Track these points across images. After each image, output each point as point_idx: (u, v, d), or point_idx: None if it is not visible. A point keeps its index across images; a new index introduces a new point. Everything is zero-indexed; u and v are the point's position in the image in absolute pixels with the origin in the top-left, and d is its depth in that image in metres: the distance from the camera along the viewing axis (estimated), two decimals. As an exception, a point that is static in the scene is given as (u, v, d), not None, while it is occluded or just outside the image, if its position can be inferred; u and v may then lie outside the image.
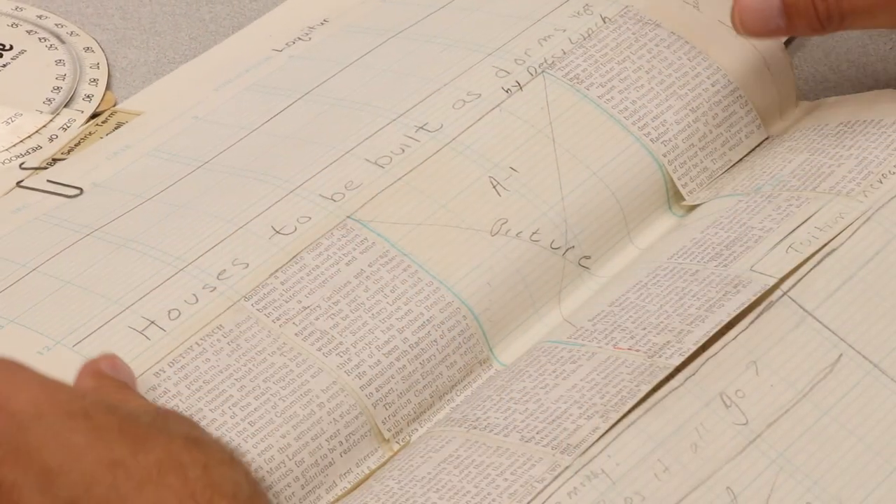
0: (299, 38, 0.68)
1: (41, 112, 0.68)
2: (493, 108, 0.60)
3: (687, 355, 0.50)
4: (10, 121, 0.68)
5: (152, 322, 0.52)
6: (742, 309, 0.51)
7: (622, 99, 0.60)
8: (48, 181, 0.62)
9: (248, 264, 0.54)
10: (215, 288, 0.53)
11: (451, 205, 0.56)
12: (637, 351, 0.51)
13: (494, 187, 0.57)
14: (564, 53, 0.62)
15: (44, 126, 0.68)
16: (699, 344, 0.50)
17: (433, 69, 0.62)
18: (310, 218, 0.55)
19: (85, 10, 0.76)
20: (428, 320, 0.54)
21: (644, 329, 0.52)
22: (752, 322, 0.51)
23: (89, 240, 0.57)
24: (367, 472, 0.52)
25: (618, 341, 0.52)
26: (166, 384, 0.51)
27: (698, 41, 0.62)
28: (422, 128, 0.59)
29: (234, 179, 0.59)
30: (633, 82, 0.61)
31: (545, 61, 0.61)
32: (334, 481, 0.51)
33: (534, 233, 0.57)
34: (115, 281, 0.54)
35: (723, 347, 0.50)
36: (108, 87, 0.71)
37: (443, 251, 0.55)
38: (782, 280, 0.52)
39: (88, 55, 0.72)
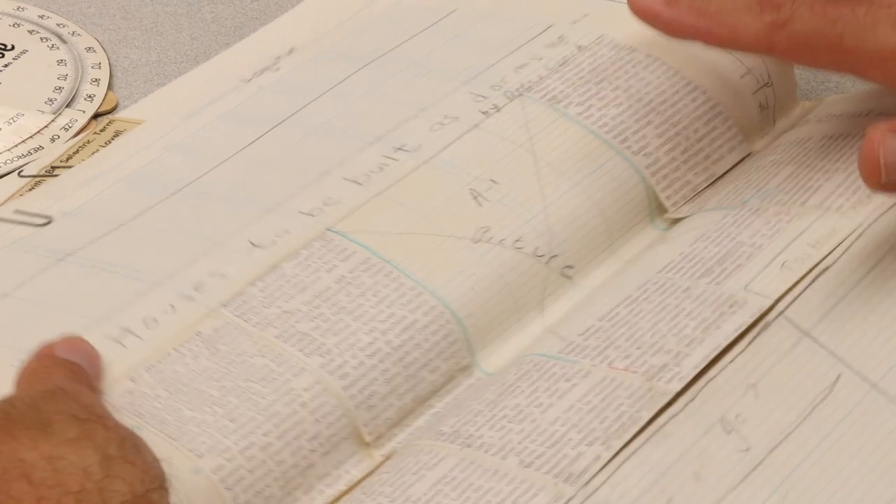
0: (267, 69, 0.63)
1: (43, 112, 0.65)
2: (471, 129, 0.55)
3: (687, 381, 0.45)
4: (11, 121, 0.64)
5: (128, 330, 0.48)
6: (740, 332, 0.47)
7: (601, 116, 0.56)
8: (15, 211, 0.57)
9: (225, 275, 0.49)
10: (193, 298, 0.49)
11: (432, 215, 0.52)
12: (634, 372, 0.46)
13: (475, 198, 0.53)
14: (541, 79, 0.57)
15: (45, 126, 0.65)
16: (699, 369, 0.46)
17: (408, 96, 0.58)
18: (288, 232, 0.51)
19: (86, 11, 0.72)
20: (411, 323, 0.49)
21: (639, 349, 0.47)
22: (749, 344, 0.47)
23: (62, 265, 0.52)
24: (345, 475, 0.47)
25: (612, 360, 0.47)
26: (143, 388, 0.46)
27: (675, 62, 0.58)
28: (400, 148, 0.54)
29: (210, 204, 0.54)
30: (612, 101, 0.56)
31: (522, 86, 0.57)
32: (312, 483, 0.47)
33: (517, 240, 0.52)
34: (90, 300, 0.50)
35: (721, 371, 0.46)
36: (109, 87, 0.67)
37: (425, 257, 0.51)
38: (778, 300, 0.48)
39: (90, 55, 0.68)
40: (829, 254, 0.49)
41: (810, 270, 0.49)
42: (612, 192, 0.54)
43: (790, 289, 0.48)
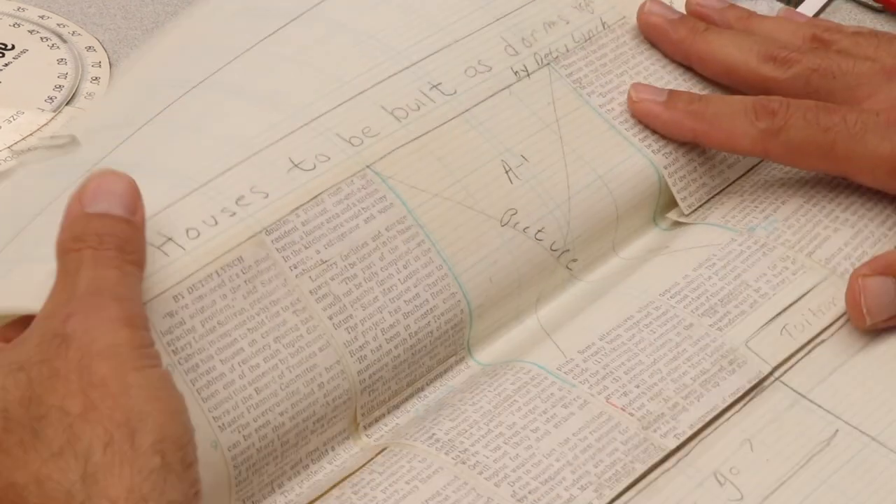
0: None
1: (43, 110, 0.65)
2: (504, 89, 0.54)
3: (683, 439, 0.46)
4: (11, 119, 0.64)
5: (170, 239, 0.45)
6: (737, 396, 0.48)
7: (622, 111, 0.55)
8: (40, 139, 0.55)
9: (267, 194, 0.47)
10: (235, 213, 0.46)
11: (467, 181, 0.51)
12: (631, 415, 0.47)
13: (507, 173, 0.52)
14: (568, 51, 0.56)
15: (45, 124, 0.65)
16: (695, 428, 0.47)
17: (441, 16, 0.56)
18: (329, 158, 0.49)
19: (87, 10, 0.71)
20: (431, 309, 0.49)
21: (637, 387, 0.48)
22: (745, 405, 0.48)
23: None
24: (334, 456, 0.47)
25: (610, 394, 0.47)
26: (183, 313, 0.45)
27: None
28: (436, 87, 0.52)
29: (237, 101, 0.51)
30: None
31: (549, 53, 0.55)
32: (302, 459, 0.47)
33: (539, 231, 0.52)
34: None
35: (716, 429, 0.47)
36: (109, 86, 0.67)
37: (456, 232, 0.50)
38: (776, 367, 0.49)
39: (90, 54, 0.68)
40: (828, 325, 0.50)
41: (810, 341, 0.50)
42: (630, 189, 0.54)
43: (789, 357, 0.49)
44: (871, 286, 0.49)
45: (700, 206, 0.56)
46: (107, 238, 0.43)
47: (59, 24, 0.69)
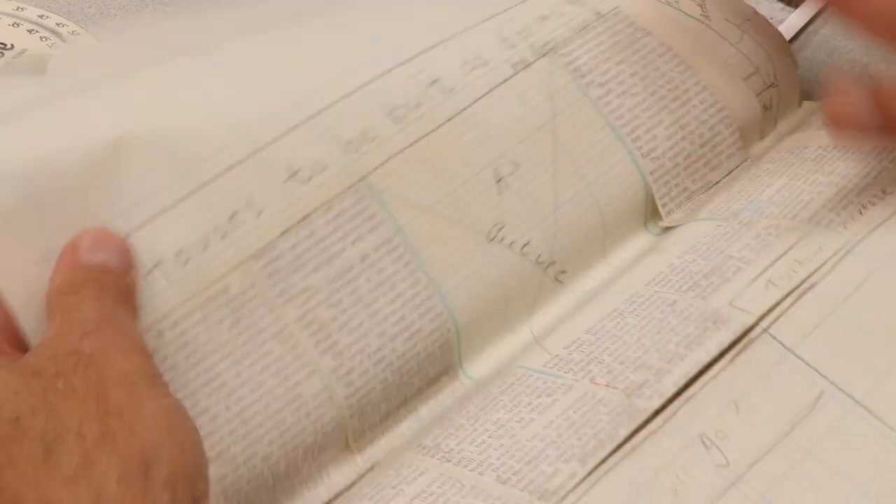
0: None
1: None
2: (502, 83, 0.53)
3: (666, 398, 0.45)
4: None
5: (158, 264, 0.45)
6: (722, 349, 0.46)
7: (619, 105, 0.54)
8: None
9: (260, 211, 0.46)
10: (226, 234, 0.46)
11: (457, 194, 0.50)
12: (615, 388, 0.45)
13: (497, 183, 0.51)
14: (566, 40, 0.55)
15: None
16: (678, 386, 0.45)
17: (435, 15, 0.56)
18: (326, 168, 0.48)
19: (87, 10, 0.71)
20: (417, 331, 0.48)
21: (622, 364, 0.46)
22: (731, 361, 0.46)
23: None
24: (326, 480, 0.47)
25: (595, 375, 0.46)
26: (166, 350, 0.44)
27: (687, 54, 0.56)
28: (435, 82, 0.52)
29: (239, 86, 0.50)
30: (629, 88, 0.55)
31: (547, 42, 0.55)
32: (296, 487, 0.47)
33: (525, 244, 0.51)
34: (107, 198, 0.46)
35: (702, 388, 0.45)
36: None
37: (443, 250, 0.49)
38: (762, 317, 0.47)
39: None
40: (815, 271, 0.48)
41: (796, 288, 0.48)
42: (617, 196, 0.53)
43: (775, 306, 0.47)
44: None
45: (685, 202, 0.55)
46: (106, 287, 0.43)
47: (58, 24, 0.68)
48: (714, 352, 0.46)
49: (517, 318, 0.51)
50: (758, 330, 0.47)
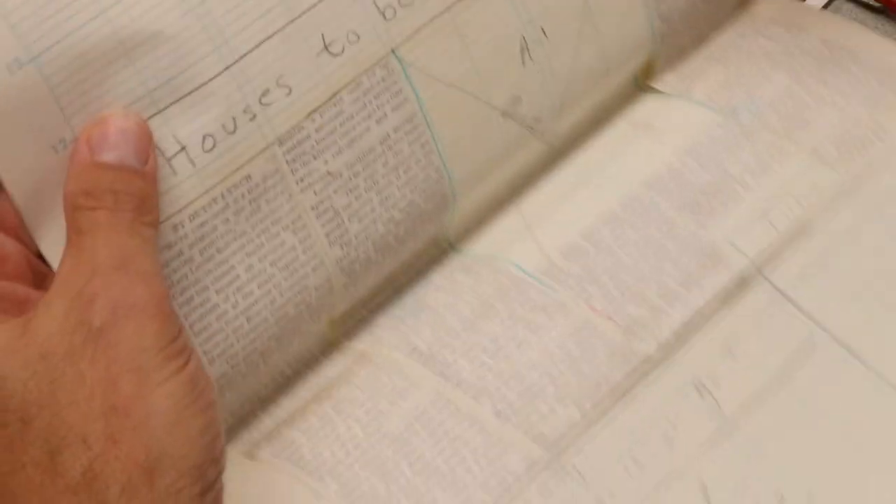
0: None
1: None
2: None
3: (662, 342, 0.46)
4: None
5: (183, 149, 0.43)
6: (719, 296, 0.48)
7: None
8: None
9: (291, 89, 0.44)
10: (255, 116, 0.44)
11: (483, 65, 0.48)
12: (614, 322, 0.47)
13: (522, 52, 0.49)
14: None
15: None
16: (675, 333, 0.47)
17: None
18: (359, 38, 0.46)
19: None
20: (422, 213, 0.48)
21: (620, 291, 0.48)
22: (726, 306, 0.48)
23: None
24: (319, 371, 0.47)
25: (592, 298, 0.47)
26: (182, 244, 0.43)
27: None
28: None
29: None
30: None
31: None
32: (288, 379, 0.47)
33: (537, 120, 0.50)
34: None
35: (697, 332, 0.47)
36: None
37: (459, 127, 0.49)
38: (758, 259, 0.49)
39: None
40: (811, 211, 0.50)
41: (792, 228, 0.49)
42: (626, 58, 0.52)
43: (771, 247, 0.49)
44: None
45: (681, 66, 0.55)
46: (122, 197, 0.40)
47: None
48: (710, 295, 0.47)
49: (508, 188, 0.52)
50: (753, 271, 0.48)
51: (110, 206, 0.40)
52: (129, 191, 0.41)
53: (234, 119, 0.43)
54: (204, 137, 0.43)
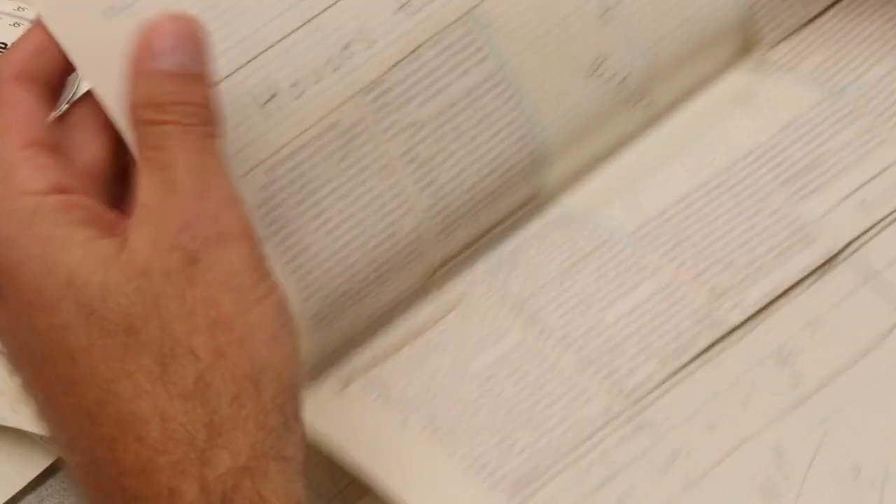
0: None
1: None
2: None
3: (748, 315, 0.49)
4: None
5: (275, 95, 0.45)
6: (808, 272, 0.50)
7: None
8: None
9: (372, 43, 0.47)
10: (338, 67, 0.46)
11: (563, 25, 0.50)
12: (701, 286, 0.49)
13: (602, 15, 0.51)
14: None
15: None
16: (761, 305, 0.49)
17: None
18: None
19: None
20: (512, 166, 0.50)
21: (709, 258, 0.50)
22: (815, 281, 0.50)
23: None
24: (409, 315, 0.50)
25: (681, 263, 0.50)
26: (278, 184, 0.46)
27: None
28: None
29: None
30: None
31: None
32: (377, 323, 0.50)
33: (623, 79, 0.52)
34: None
35: (783, 306, 0.49)
36: None
37: (544, 86, 0.51)
38: (851, 241, 0.51)
39: None
40: None
41: (889, 214, 0.51)
42: (717, 22, 0.54)
43: (865, 231, 0.51)
44: None
45: (786, 42, 0.56)
46: (190, 109, 0.41)
47: (59, 20, 0.62)
48: (798, 270, 0.49)
49: (604, 150, 0.54)
50: (845, 253, 0.50)
51: (180, 120, 0.41)
52: (195, 101, 0.41)
53: (318, 70, 0.46)
54: (293, 83, 0.45)
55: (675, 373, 0.47)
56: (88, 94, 0.44)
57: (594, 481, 0.46)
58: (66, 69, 0.44)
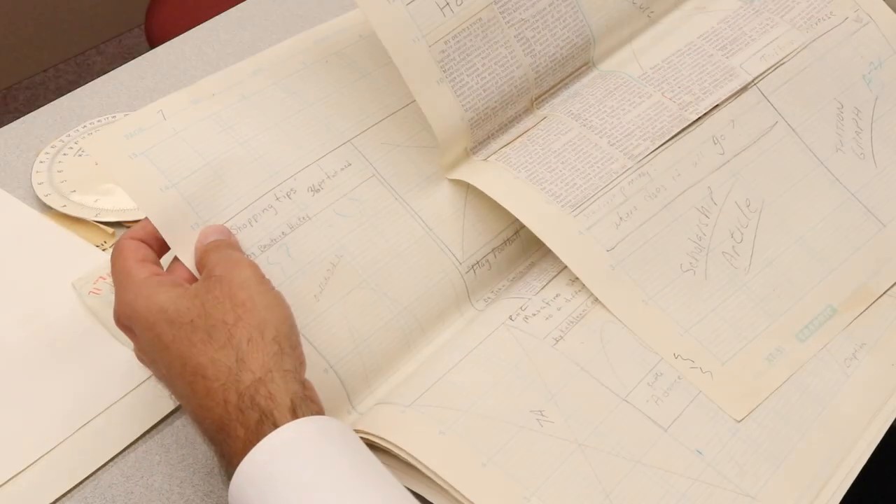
0: None
1: None
2: None
3: (699, 114, 0.82)
4: None
5: (448, 3, 0.76)
6: (732, 92, 0.84)
7: None
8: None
9: None
10: None
11: None
12: (674, 101, 0.83)
13: None
14: None
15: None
16: (707, 109, 0.83)
17: None
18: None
19: None
20: (575, 46, 0.84)
21: (680, 86, 0.84)
22: (735, 99, 0.84)
23: None
24: (517, 120, 0.84)
25: (664, 90, 0.84)
26: (450, 49, 0.76)
27: None
28: None
29: None
30: None
31: None
32: (502, 123, 0.83)
33: (641, 2, 0.86)
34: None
35: (717, 112, 0.83)
36: None
37: (594, 3, 0.83)
38: (756, 77, 0.85)
39: None
40: (787, 55, 0.86)
41: (776, 63, 0.85)
42: None
43: (763, 71, 0.85)
44: None
45: None
46: (221, 244, 0.68)
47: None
48: (727, 93, 0.84)
49: (628, 39, 0.88)
50: (752, 84, 0.84)
51: (215, 248, 0.67)
52: (223, 243, 0.68)
53: None
54: (448, 2, 0.76)
55: (660, 146, 0.81)
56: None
57: (616, 202, 0.78)
58: (164, 242, 0.70)
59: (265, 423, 0.57)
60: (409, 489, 0.63)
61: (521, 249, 0.78)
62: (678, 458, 0.68)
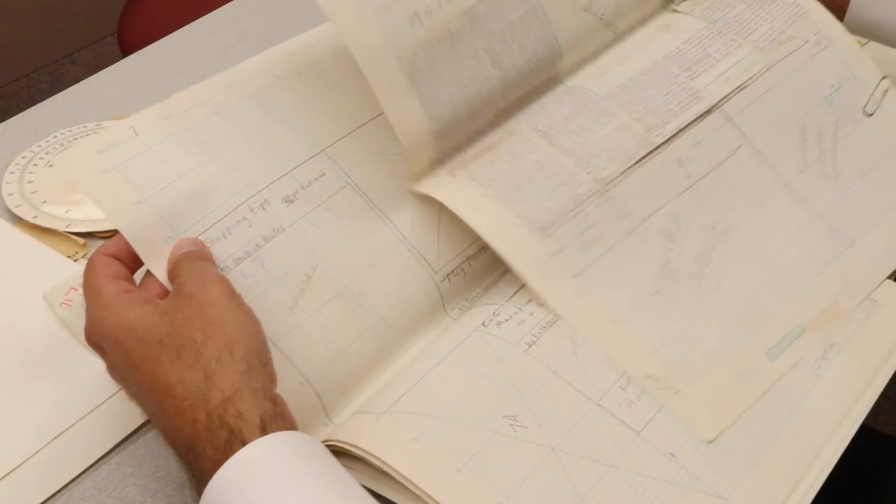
0: None
1: None
2: None
3: (665, 137, 0.83)
4: None
5: (417, 13, 0.75)
6: (695, 116, 0.84)
7: None
8: None
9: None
10: (451, 1, 0.78)
11: None
12: (640, 123, 0.83)
13: None
14: None
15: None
16: (672, 133, 0.83)
17: None
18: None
19: None
20: (542, 59, 0.83)
21: (646, 107, 0.84)
22: (699, 122, 0.84)
23: None
24: (482, 127, 0.83)
25: (631, 112, 0.84)
26: (419, 58, 0.75)
27: None
28: None
29: None
30: None
31: None
32: (466, 128, 0.82)
33: (603, 14, 0.86)
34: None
35: (682, 134, 0.83)
36: None
37: (561, 16, 0.84)
38: (720, 99, 0.85)
39: None
40: (749, 78, 0.87)
41: (739, 85, 0.86)
42: None
43: (727, 94, 0.85)
44: None
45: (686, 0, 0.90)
46: (193, 255, 0.68)
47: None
48: (691, 116, 0.84)
49: (593, 55, 0.87)
50: (716, 107, 0.85)
51: (187, 259, 0.67)
52: (196, 254, 0.68)
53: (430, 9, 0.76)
54: (417, 14, 0.75)
55: (626, 170, 0.81)
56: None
57: (582, 226, 0.78)
58: (137, 257, 0.69)
59: (234, 443, 0.58)
60: (385, 497, 0.65)
61: (495, 258, 0.78)
62: (651, 461, 0.69)
